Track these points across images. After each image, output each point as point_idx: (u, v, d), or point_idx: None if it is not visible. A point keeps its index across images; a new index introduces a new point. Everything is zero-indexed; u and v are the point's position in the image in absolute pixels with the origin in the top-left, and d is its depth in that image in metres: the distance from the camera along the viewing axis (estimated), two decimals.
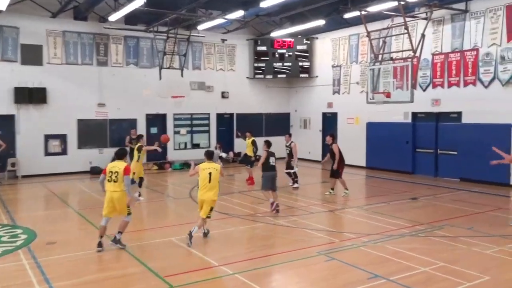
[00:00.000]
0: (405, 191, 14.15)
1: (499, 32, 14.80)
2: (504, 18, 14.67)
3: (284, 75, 22.45)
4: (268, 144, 11.60)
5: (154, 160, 19.89)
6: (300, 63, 22.19)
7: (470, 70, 15.57)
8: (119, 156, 8.44)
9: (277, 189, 11.49)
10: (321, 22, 18.67)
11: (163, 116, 20.55)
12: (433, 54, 16.70)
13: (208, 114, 21.70)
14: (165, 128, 20.50)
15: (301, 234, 9.29)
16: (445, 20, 16.36)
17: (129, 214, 8.30)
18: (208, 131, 21.73)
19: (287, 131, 21.74)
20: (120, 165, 8.18)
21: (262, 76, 22.38)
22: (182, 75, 18.99)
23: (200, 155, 21.41)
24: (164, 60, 19.08)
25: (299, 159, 15.77)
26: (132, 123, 19.56)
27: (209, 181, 8.56)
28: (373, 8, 15.33)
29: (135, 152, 12.74)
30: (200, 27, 19.28)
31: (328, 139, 13.48)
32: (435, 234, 9.23)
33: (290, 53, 22.09)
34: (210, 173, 8.58)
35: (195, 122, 21.43)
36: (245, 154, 16.08)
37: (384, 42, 16.03)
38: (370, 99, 14.54)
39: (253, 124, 22.15)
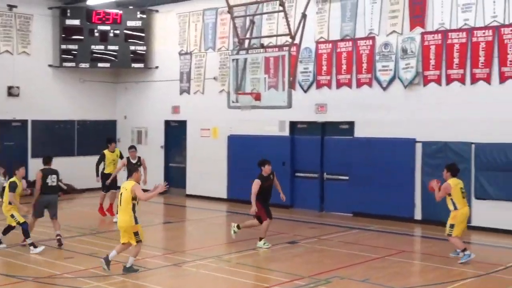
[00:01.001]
0: (280, 233, 14.73)
1: (400, 16, 16.31)
2: None
3: (107, 64, 22.26)
4: (46, 160, 13.17)
5: None
6: (132, 47, 22.17)
7: (364, 66, 16.93)
8: None
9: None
10: None
11: None
12: (318, 42, 17.85)
13: None
14: None
15: None
16: None
17: None
18: None
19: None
20: None
21: (73, 64, 21.94)
22: None
23: None
24: None
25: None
26: None
27: (120, 203, 10.31)
28: None
29: (6, 190, 12.61)
30: None
31: (269, 169, 13.12)
32: None
33: (117, 32, 21.96)
34: (121, 194, 10.34)
35: None
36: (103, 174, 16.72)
37: (253, 22, 16.68)
38: (233, 102, 15.00)
39: (60, 136, 21.80)
